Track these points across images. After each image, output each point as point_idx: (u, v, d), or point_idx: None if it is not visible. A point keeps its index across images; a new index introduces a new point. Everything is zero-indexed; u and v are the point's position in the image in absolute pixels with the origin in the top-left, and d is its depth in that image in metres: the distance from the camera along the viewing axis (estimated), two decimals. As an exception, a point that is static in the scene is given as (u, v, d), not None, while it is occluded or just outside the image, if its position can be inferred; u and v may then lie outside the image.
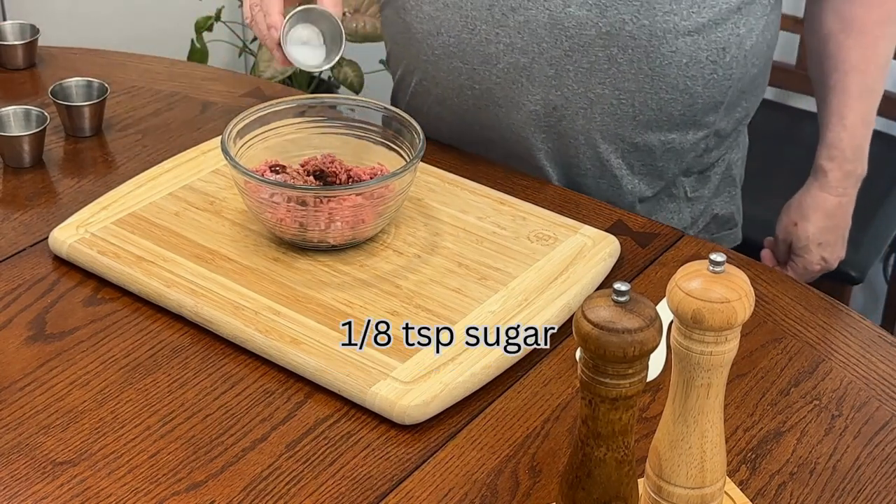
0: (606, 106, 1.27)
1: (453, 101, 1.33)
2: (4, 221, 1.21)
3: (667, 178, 1.36)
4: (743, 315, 0.76)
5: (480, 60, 1.28)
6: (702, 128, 1.33)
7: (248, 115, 1.19)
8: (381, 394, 0.98)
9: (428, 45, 1.31)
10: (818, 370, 1.06)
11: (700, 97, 1.29)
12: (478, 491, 0.93)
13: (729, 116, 1.35)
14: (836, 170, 1.39)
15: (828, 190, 1.40)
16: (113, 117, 1.40)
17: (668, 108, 1.28)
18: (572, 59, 1.25)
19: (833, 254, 1.43)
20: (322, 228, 1.12)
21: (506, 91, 1.29)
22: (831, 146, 1.39)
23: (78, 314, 1.09)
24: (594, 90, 1.26)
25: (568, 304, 1.09)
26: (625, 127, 1.29)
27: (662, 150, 1.32)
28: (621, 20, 1.23)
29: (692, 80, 1.27)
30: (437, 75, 1.33)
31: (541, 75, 1.26)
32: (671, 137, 1.31)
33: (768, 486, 0.94)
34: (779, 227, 1.45)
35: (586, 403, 0.77)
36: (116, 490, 0.91)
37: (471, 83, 1.30)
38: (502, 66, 1.27)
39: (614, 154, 1.31)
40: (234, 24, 2.52)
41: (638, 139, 1.30)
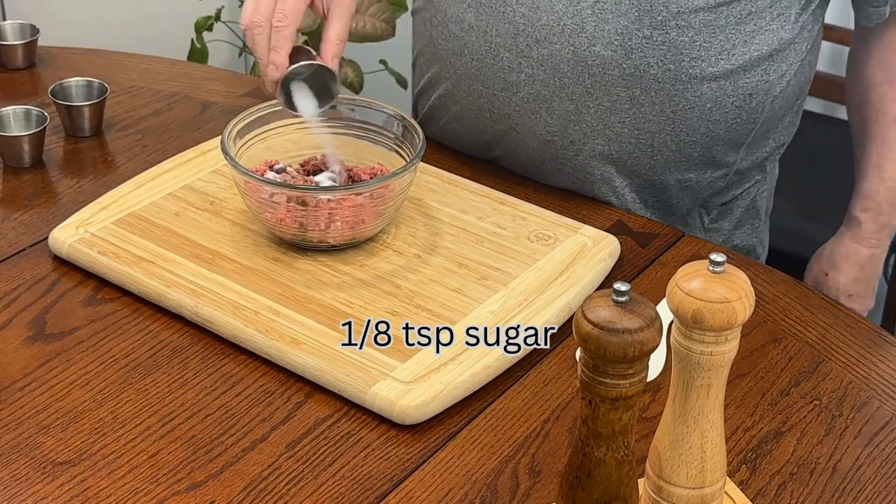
0: (625, 144, 1.26)
1: (470, 120, 1.32)
2: (4, 221, 1.21)
3: (680, 212, 1.34)
4: (743, 315, 0.76)
5: (501, 87, 1.27)
6: (720, 167, 1.31)
7: (248, 115, 1.19)
8: (381, 394, 0.98)
9: (451, 63, 1.30)
10: (818, 370, 1.06)
11: (721, 139, 1.27)
12: (478, 491, 0.93)
13: (750, 156, 1.33)
14: (870, 221, 1.36)
15: (860, 241, 1.37)
16: (113, 117, 1.40)
17: (688, 149, 1.27)
18: (593, 96, 1.23)
19: (863, 305, 1.40)
20: (322, 228, 1.12)
21: (524, 119, 1.27)
22: (867, 197, 1.36)
23: (78, 314, 1.09)
24: (613, 128, 1.25)
25: (568, 304, 1.09)
26: (642, 165, 1.27)
27: (678, 189, 1.30)
28: (646, 63, 1.21)
29: (714, 125, 1.25)
30: (457, 94, 1.31)
31: (561, 109, 1.25)
32: (688, 177, 1.29)
33: (768, 486, 0.94)
34: (808, 275, 1.42)
35: (586, 403, 0.77)
36: (116, 490, 0.91)
37: (489, 107, 1.29)
38: (522, 94, 1.26)
39: (629, 189, 1.29)
40: (234, 24, 2.52)
41: (654, 177, 1.29)
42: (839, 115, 2.37)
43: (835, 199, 2.07)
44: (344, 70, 2.42)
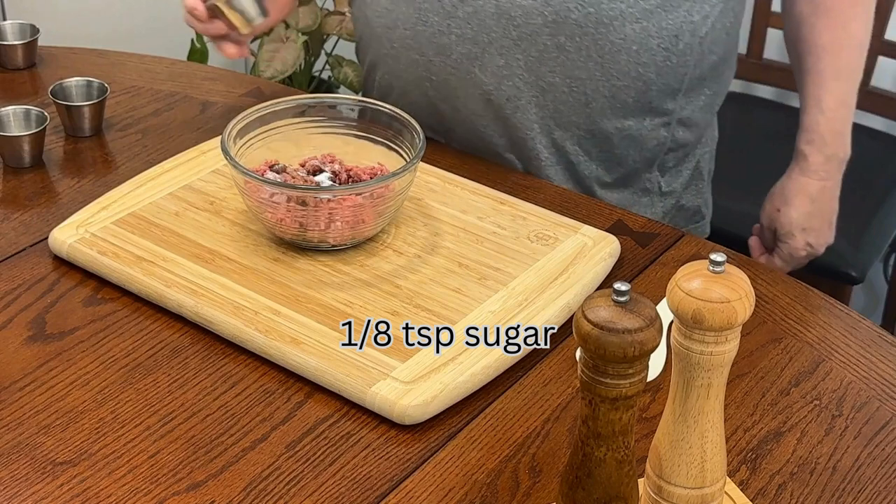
0: (558, 94, 1.29)
1: (414, 93, 1.35)
2: (4, 221, 1.21)
3: (628, 165, 1.36)
4: (743, 315, 0.76)
5: (435, 52, 1.30)
6: (659, 115, 1.33)
7: (248, 115, 1.19)
8: (381, 394, 0.98)
9: (387, 38, 1.34)
10: (818, 370, 1.06)
11: (654, 84, 1.29)
12: (478, 491, 0.93)
13: (692, 104, 1.35)
14: (816, 154, 1.38)
15: (809, 174, 1.39)
16: (113, 117, 1.40)
17: (621, 94, 1.29)
18: (521, 48, 1.26)
19: (819, 238, 1.41)
20: (322, 228, 1.12)
21: (461, 81, 1.31)
22: (810, 130, 1.38)
23: (78, 314, 1.09)
24: (545, 78, 1.28)
25: (568, 304, 1.09)
26: (578, 114, 1.30)
27: (619, 139, 1.33)
28: (566, 8, 1.24)
29: (644, 67, 1.28)
30: (396, 68, 1.35)
31: (492, 65, 1.28)
32: (627, 124, 1.32)
33: (768, 486, 0.94)
34: (763, 214, 1.44)
35: (586, 403, 0.77)
36: (116, 490, 0.91)
37: (428, 75, 1.32)
38: (455, 56, 1.29)
39: (570, 141, 1.33)
40: (234, 24, 2.52)
41: (592, 126, 1.31)
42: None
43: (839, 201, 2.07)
44: (344, 70, 2.42)
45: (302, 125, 1.22)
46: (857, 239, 1.99)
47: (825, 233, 1.41)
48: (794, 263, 1.43)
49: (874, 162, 2.21)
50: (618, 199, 1.38)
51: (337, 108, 1.22)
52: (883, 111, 2.29)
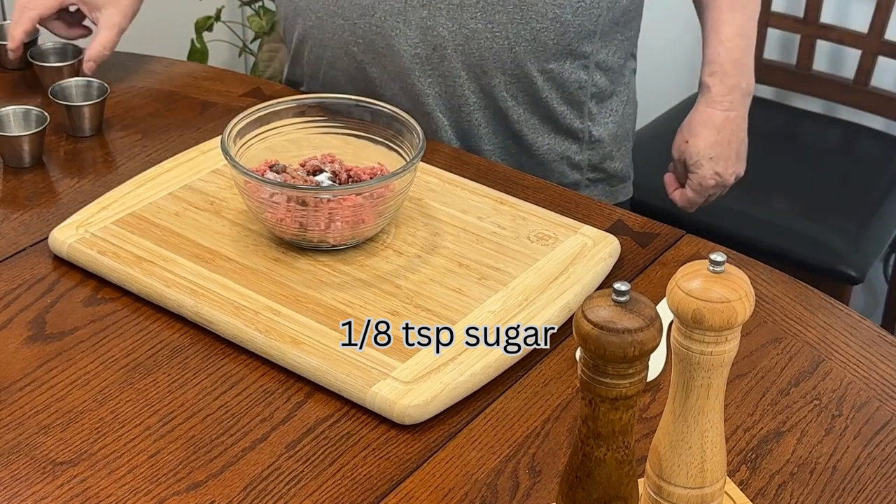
0: (482, 40, 1.33)
1: (343, 60, 1.39)
2: (4, 221, 1.21)
3: (553, 109, 1.41)
4: (743, 315, 0.76)
5: (359, 13, 1.34)
6: (578, 57, 1.38)
7: (248, 115, 1.19)
8: (381, 394, 0.98)
9: (311, 10, 1.38)
10: (818, 370, 1.06)
11: (571, 25, 1.35)
12: (478, 491, 0.93)
13: (607, 48, 1.41)
14: (718, 84, 1.42)
15: (713, 105, 1.43)
16: (113, 117, 1.40)
17: (542, 37, 1.34)
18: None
19: (727, 168, 1.45)
20: (322, 228, 1.12)
21: (387, 39, 1.35)
22: (711, 62, 1.43)
23: (78, 314, 1.09)
24: (468, 25, 1.32)
25: (568, 304, 1.09)
26: (503, 60, 1.35)
27: (544, 81, 1.38)
28: None
29: (560, 9, 1.33)
30: (323, 38, 1.39)
31: (416, 17, 1.32)
32: (549, 67, 1.37)
33: (768, 486, 0.94)
34: (673, 147, 1.48)
35: (586, 403, 0.77)
36: (116, 490, 0.91)
37: (354, 38, 1.36)
38: (379, 14, 1.33)
39: (497, 87, 1.37)
40: (234, 24, 2.52)
41: (517, 70, 1.36)
42: (839, 115, 2.37)
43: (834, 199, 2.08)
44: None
45: (302, 125, 1.22)
46: (857, 239, 1.99)
47: (732, 162, 1.46)
48: (704, 193, 1.47)
49: (874, 162, 2.22)
50: (549, 144, 1.43)
51: (337, 108, 1.22)
52: (883, 111, 2.29)
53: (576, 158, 1.45)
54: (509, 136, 1.42)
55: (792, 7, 2.34)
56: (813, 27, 2.30)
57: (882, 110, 2.29)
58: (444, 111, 1.39)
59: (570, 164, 1.46)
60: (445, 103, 1.39)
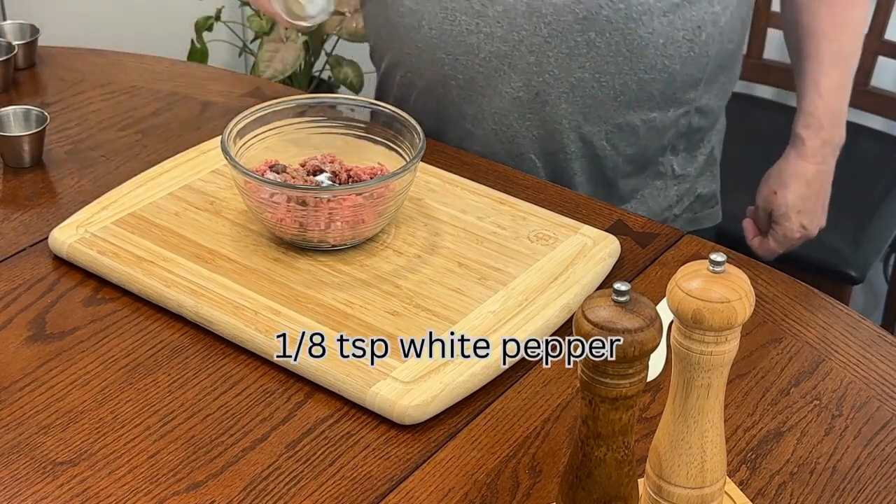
0: (588, 89, 1.30)
1: (438, 91, 1.36)
2: (4, 221, 1.21)
3: (649, 154, 1.38)
4: (743, 315, 0.76)
5: (462, 51, 1.31)
6: (682, 105, 1.35)
7: (248, 115, 1.19)
8: (381, 394, 0.98)
9: (410, 38, 1.34)
10: (818, 370, 1.06)
11: (678, 75, 1.32)
12: (478, 491, 0.93)
13: (709, 93, 1.38)
14: (812, 138, 1.41)
15: (806, 158, 1.42)
16: (113, 117, 1.40)
17: (648, 87, 1.31)
18: (552, 45, 1.27)
19: (813, 222, 1.45)
20: (322, 228, 1.12)
21: (488, 80, 1.32)
22: (807, 114, 1.41)
23: (78, 314, 1.09)
24: (575, 74, 1.29)
25: (568, 304, 1.09)
26: (606, 108, 1.32)
27: (645, 129, 1.35)
28: (597, 5, 1.25)
29: (670, 60, 1.30)
30: (420, 67, 1.35)
31: (522, 63, 1.29)
32: (652, 116, 1.34)
33: (768, 486, 0.94)
34: (759, 195, 1.47)
35: (586, 403, 0.77)
36: (116, 490, 0.91)
37: (454, 73, 1.33)
38: (484, 55, 1.30)
39: (597, 136, 1.34)
40: (234, 24, 2.52)
41: (620, 119, 1.33)
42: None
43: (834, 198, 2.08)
44: (344, 70, 2.42)
45: (302, 125, 1.22)
46: (857, 239, 1.99)
47: (819, 215, 1.45)
48: (788, 245, 1.46)
49: (874, 162, 2.21)
50: (633, 185, 1.41)
51: (337, 108, 1.22)
52: (883, 111, 2.29)
53: (660, 196, 1.43)
54: (602, 180, 1.39)
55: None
56: (813, 27, 2.29)
57: (882, 110, 2.29)
58: (540, 155, 1.36)
59: (658, 204, 1.43)
60: (542, 148, 1.36)
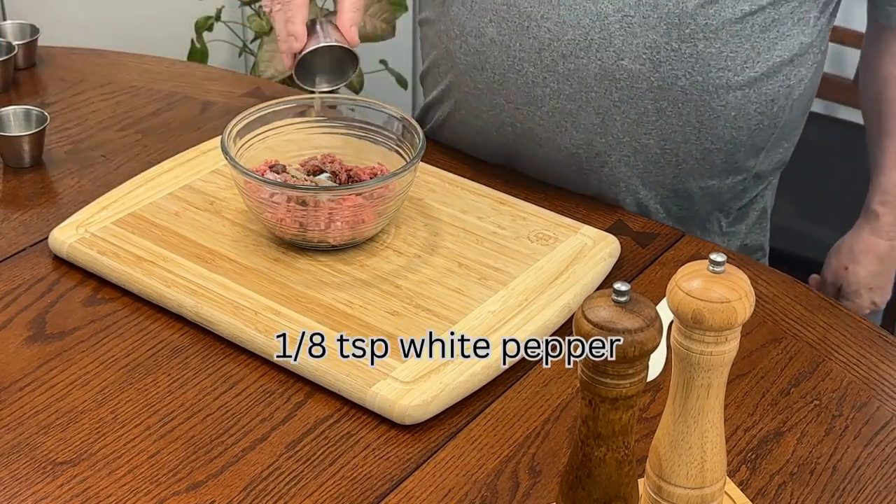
0: (651, 155, 1.26)
1: (492, 134, 1.31)
2: (4, 221, 1.21)
3: (701, 216, 1.34)
4: (743, 315, 0.76)
5: (525, 101, 1.25)
6: (741, 172, 1.31)
7: (248, 115, 1.19)
8: (381, 394, 0.98)
9: (471, 77, 1.29)
10: (818, 370, 1.06)
11: (743, 146, 1.28)
12: (478, 491, 0.93)
13: (769, 160, 1.34)
14: (888, 214, 1.37)
15: (879, 234, 1.38)
16: (113, 117, 1.40)
17: (712, 157, 1.27)
18: (620, 109, 1.23)
19: (883, 297, 1.41)
20: (322, 228, 1.12)
21: (549, 133, 1.26)
22: (885, 192, 1.37)
23: (78, 314, 1.09)
24: (639, 140, 1.25)
25: (568, 304, 1.09)
26: (666, 175, 1.28)
27: (701, 196, 1.31)
28: (674, 75, 1.20)
29: (738, 132, 1.26)
30: (478, 108, 1.30)
31: (587, 122, 1.24)
32: (711, 184, 1.30)
33: (768, 486, 0.94)
34: (827, 269, 1.43)
35: (586, 403, 0.77)
36: (116, 490, 0.91)
37: (512, 121, 1.28)
38: (547, 109, 1.25)
39: (653, 200, 1.30)
40: (234, 24, 2.52)
41: (678, 186, 1.29)
42: (840, 115, 2.37)
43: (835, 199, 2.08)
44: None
45: (302, 125, 1.22)
46: (857, 239, 1.98)
47: (888, 290, 1.42)
48: None
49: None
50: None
51: (337, 108, 1.22)
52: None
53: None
54: None
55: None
56: (813, 27, 2.29)
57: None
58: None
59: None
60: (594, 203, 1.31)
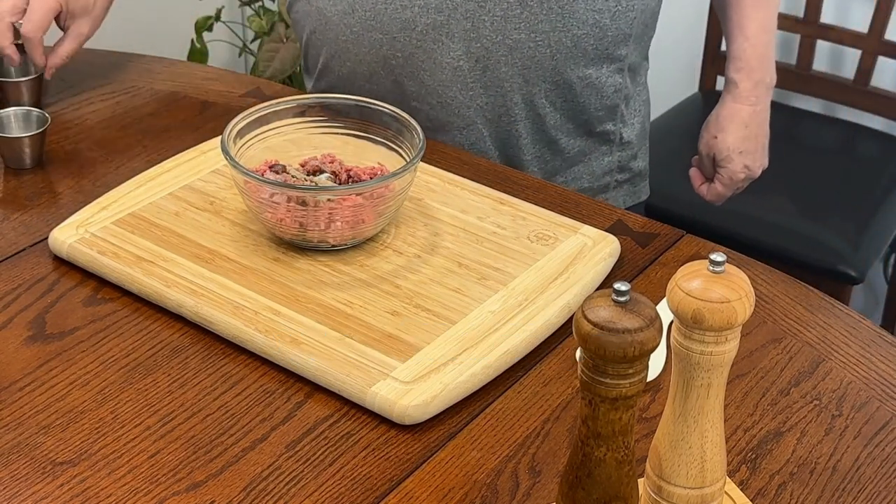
0: (525, 50, 1.33)
1: (379, 74, 1.38)
2: (4, 221, 1.21)
3: (590, 114, 1.41)
4: (743, 315, 0.76)
5: (399, 27, 1.33)
6: (614, 61, 1.39)
7: (248, 115, 1.19)
8: (381, 394, 0.98)
9: (345, 24, 1.36)
10: (818, 370, 1.06)
11: (609, 30, 1.36)
12: (478, 491, 0.93)
13: (637, 50, 1.42)
14: (744, 80, 1.46)
15: (740, 101, 1.47)
16: (113, 117, 1.40)
17: (582, 43, 1.35)
18: (486, 8, 1.31)
19: (755, 161, 1.49)
20: (322, 228, 1.12)
21: (428, 53, 1.34)
22: (736, 58, 1.46)
23: (78, 314, 1.09)
24: (511, 36, 1.32)
25: (568, 304, 1.09)
26: (544, 67, 1.35)
27: (582, 87, 1.38)
28: None
29: (599, 14, 1.34)
30: (359, 53, 1.37)
31: (459, 30, 1.32)
32: (588, 73, 1.37)
33: (768, 486, 0.94)
34: (701, 143, 1.52)
35: (586, 403, 0.77)
36: (116, 490, 0.91)
37: (393, 52, 1.35)
38: (420, 28, 1.32)
39: (538, 95, 1.37)
40: (234, 24, 2.52)
41: (557, 78, 1.36)
42: (839, 115, 2.37)
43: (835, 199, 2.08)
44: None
45: (302, 125, 1.22)
46: (857, 239, 1.99)
47: (760, 156, 1.50)
48: (733, 187, 1.51)
49: (874, 162, 2.22)
50: (579, 147, 1.44)
51: (337, 108, 1.22)
52: (883, 111, 2.29)
53: (605, 160, 1.46)
54: (545, 143, 1.42)
55: (792, 7, 2.34)
56: (813, 27, 2.30)
57: (882, 110, 2.29)
58: (485, 123, 1.39)
59: (601, 167, 1.47)
60: (487, 115, 1.38)
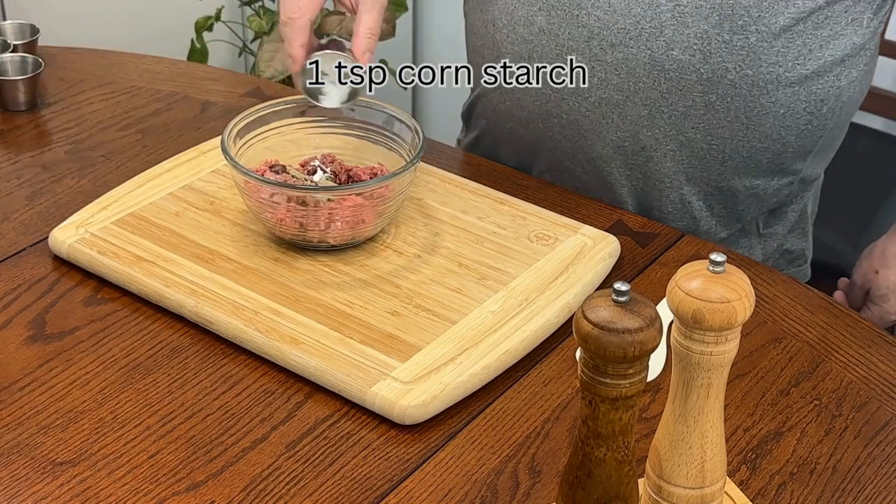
0: (696, 150, 1.25)
1: (537, 125, 1.30)
2: (4, 221, 1.21)
3: (745, 220, 1.34)
4: (743, 315, 0.76)
5: (571, 91, 1.25)
6: (787, 175, 1.31)
7: (248, 115, 1.19)
8: (381, 394, 0.98)
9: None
10: (818, 370, 1.06)
11: (791, 146, 1.27)
12: (478, 491, 0.93)
13: (815, 164, 1.33)
14: None
15: None
16: (113, 117, 1.40)
17: (758, 156, 1.26)
18: (668, 101, 1.22)
19: None
20: (322, 228, 1.12)
21: (594, 125, 1.26)
22: None
23: (78, 314, 1.09)
24: (686, 133, 1.24)
25: (568, 304, 1.09)
26: (711, 171, 1.27)
27: (745, 195, 1.30)
28: (724, 68, 1.19)
29: (786, 131, 1.25)
30: (523, 99, 1.29)
31: (633, 114, 1.23)
32: (756, 183, 1.29)
33: (768, 486, 0.94)
34: (857, 272, 1.42)
35: (586, 403, 0.77)
36: (116, 490, 0.91)
37: (558, 112, 1.27)
38: (594, 99, 1.24)
39: (696, 196, 1.29)
40: (234, 24, 2.52)
41: (723, 184, 1.28)
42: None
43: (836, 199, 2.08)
44: (344, 70, 2.42)
45: (302, 125, 1.22)
46: (857, 239, 1.99)
47: None
48: (882, 325, 1.41)
49: (874, 162, 2.21)
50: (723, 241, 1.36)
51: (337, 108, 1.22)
52: (883, 111, 2.29)
53: (745, 253, 1.36)
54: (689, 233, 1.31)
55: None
56: (813, 27, 2.29)
57: (882, 110, 2.29)
58: (636, 205, 1.31)
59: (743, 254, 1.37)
60: (638, 200, 1.31)
